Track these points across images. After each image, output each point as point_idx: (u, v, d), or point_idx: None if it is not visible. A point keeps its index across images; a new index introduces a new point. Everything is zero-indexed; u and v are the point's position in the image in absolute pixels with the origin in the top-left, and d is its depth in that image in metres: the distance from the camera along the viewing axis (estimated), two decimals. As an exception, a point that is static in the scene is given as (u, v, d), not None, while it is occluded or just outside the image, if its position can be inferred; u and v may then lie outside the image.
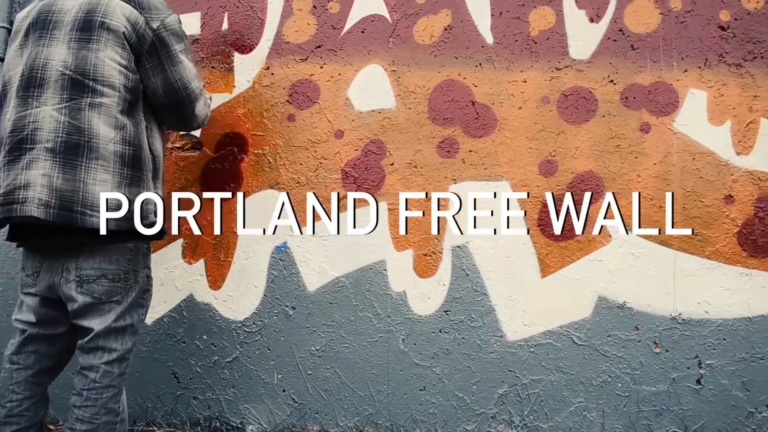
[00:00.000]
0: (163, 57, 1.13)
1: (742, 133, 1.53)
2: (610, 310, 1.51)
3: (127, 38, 1.08)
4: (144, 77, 1.13)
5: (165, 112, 1.22)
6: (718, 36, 1.55)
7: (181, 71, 1.17)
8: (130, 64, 1.09)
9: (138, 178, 1.09)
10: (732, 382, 1.50)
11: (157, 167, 1.17)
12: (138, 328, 1.17)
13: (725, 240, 1.51)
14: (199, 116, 1.29)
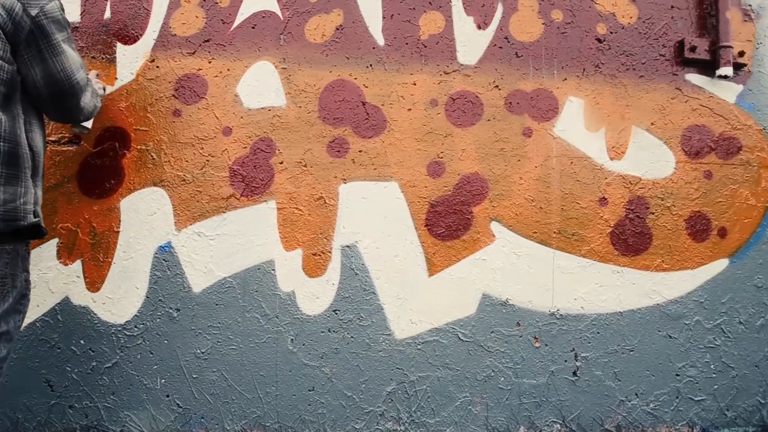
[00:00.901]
0: (43, 46, 1.22)
1: (615, 139, 1.99)
2: (494, 307, 1.92)
3: (2, 26, 1.15)
4: (22, 68, 1.21)
5: (47, 105, 1.30)
6: (595, 47, 2.01)
7: (63, 61, 1.27)
8: (5, 54, 1.17)
9: (15, 177, 1.18)
10: (605, 373, 1.96)
11: (36, 164, 1.25)
12: (13, 335, 1.24)
13: (599, 240, 1.96)
14: (86, 108, 1.48)
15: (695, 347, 1.99)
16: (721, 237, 2.02)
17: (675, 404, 1.98)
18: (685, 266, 1.99)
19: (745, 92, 2.09)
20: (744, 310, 2.03)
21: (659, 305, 1.97)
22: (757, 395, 2.04)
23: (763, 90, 2.11)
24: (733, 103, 2.07)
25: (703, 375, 2.00)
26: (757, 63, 2.12)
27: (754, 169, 2.06)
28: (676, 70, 2.04)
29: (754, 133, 2.08)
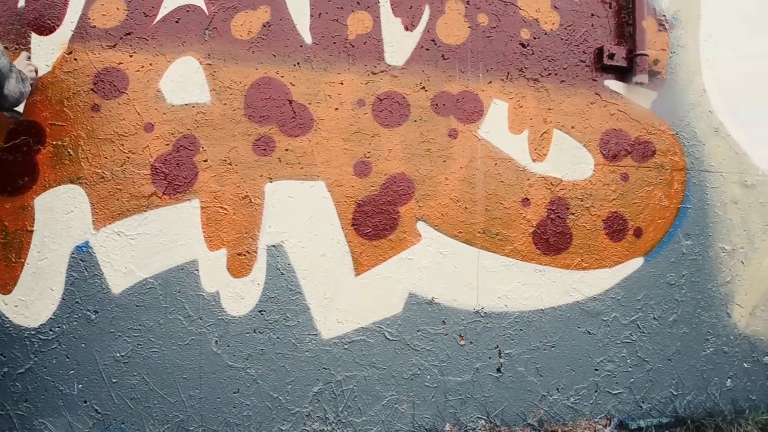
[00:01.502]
0: None
1: (537, 141, 2.35)
2: (420, 306, 2.23)
3: None
4: None
5: None
6: (519, 52, 2.37)
7: None
8: None
9: None
10: (528, 369, 2.31)
11: None
12: None
13: (522, 239, 2.32)
14: (11, 95, 1.64)
15: (613, 342, 2.38)
16: (637, 237, 2.42)
17: (594, 398, 2.36)
18: (604, 265, 2.37)
19: (659, 98, 2.50)
20: (658, 307, 2.44)
21: (579, 302, 2.34)
22: (670, 387, 2.45)
23: (675, 97, 2.53)
24: (648, 109, 2.48)
25: (620, 369, 2.39)
26: (671, 71, 2.54)
27: (667, 172, 2.48)
28: (595, 75, 2.43)
29: (667, 138, 2.50)
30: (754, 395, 2.57)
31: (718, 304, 2.52)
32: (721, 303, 2.53)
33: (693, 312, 2.47)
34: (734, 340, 2.55)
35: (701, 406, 2.47)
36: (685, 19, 2.59)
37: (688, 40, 2.58)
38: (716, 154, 2.58)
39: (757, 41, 2.67)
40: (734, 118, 2.61)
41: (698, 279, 2.49)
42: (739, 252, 2.56)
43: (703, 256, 2.50)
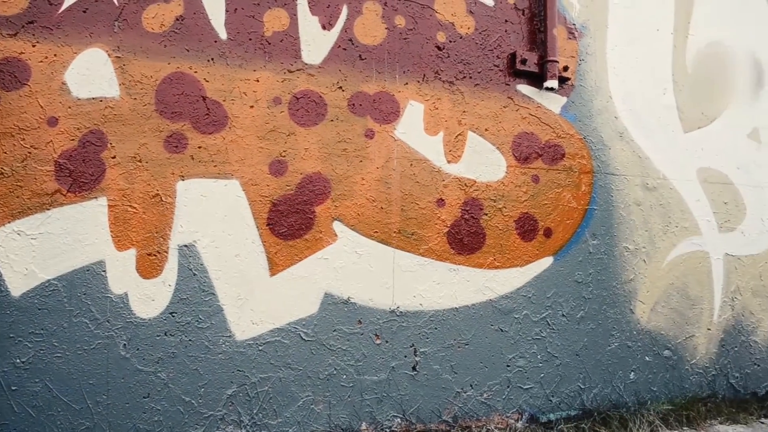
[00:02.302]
0: None
1: (452, 143, 2.86)
2: (336, 306, 2.66)
3: None
4: None
5: None
6: (435, 55, 2.87)
7: None
8: None
9: None
10: (442, 367, 2.80)
11: None
12: None
13: (437, 239, 2.81)
14: None
15: (524, 339, 2.93)
16: (547, 237, 2.99)
17: (506, 393, 2.89)
18: (515, 264, 2.92)
19: (569, 104, 3.09)
20: (566, 304, 3.02)
21: (492, 301, 2.87)
22: (578, 381, 3.04)
23: (584, 102, 3.14)
24: (558, 114, 3.06)
25: (531, 365, 2.94)
26: (580, 78, 3.14)
27: (576, 175, 3.07)
28: (508, 80, 2.97)
29: (575, 142, 3.09)
30: (655, 387, 3.22)
31: (622, 301, 3.14)
32: (624, 300, 3.15)
33: (599, 309, 3.08)
34: (637, 335, 3.18)
35: (607, 398, 3.08)
36: (593, 28, 3.20)
37: (596, 49, 3.20)
38: (621, 158, 3.21)
39: (655, 52, 3.34)
40: (637, 124, 3.25)
41: (604, 277, 3.10)
42: (642, 251, 3.20)
43: (609, 255, 3.12)
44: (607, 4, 3.14)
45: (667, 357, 3.13)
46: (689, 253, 3.21)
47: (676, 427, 2.96)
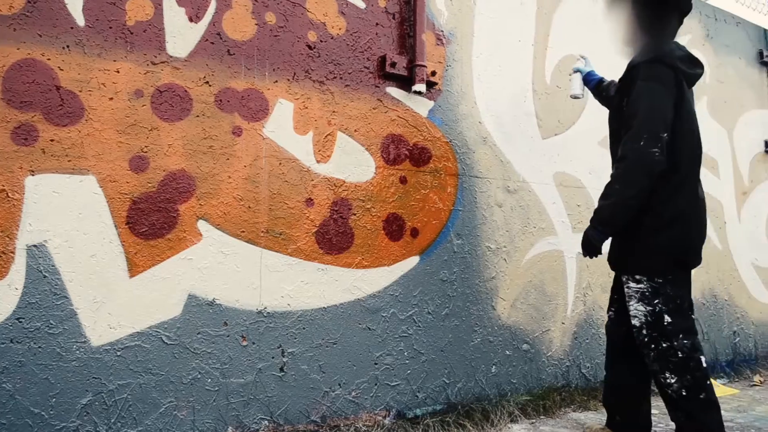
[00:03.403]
0: None
1: (321, 143, 2.97)
2: (200, 308, 2.68)
3: None
4: None
5: None
6: (306, 54, 2.97)
7: None
8: None
9: None
10: (310, 367, 2.90)
11: None
12: None
13: (305, 239, 2.91)
14: None
15: (391, 337, 3.10)
16: (413, 237, 3.18)
17: (374, 391, 3.05)
18: (383, 263, 3.08)
19: (436, 108, 3.31)
20: (432, 302, 3.23)
21: (360, 300, 3.01)
22: (443, 377, 3.26)
23: (450, 107, 3.37)
24: (426, 117, 3.27)
25: (398, 362, 3.12)
26: (447, 83, 3.37)
27: (442, 177, 3.30)
28: (378, 82, 3.13)
29: (442, 145, 3.32)
30: (515, 379, 3.52)
31: (484, 298, 3.41)
32: (487, 297, 3.42)
33: (463, 306, 3.32)
34: (498, 330, 3.46)
35: (470, 391, 3.32)
36: (460, 36, 3.44)
37: (462, 56, 3.44)
38: (484, 162, 3.48)
39: (517, 62, 3.66)
40: (500, 129, 3.54)
41: (468, 275, 3.34)
42: (503, 250, 3.49)
43: (472, 255, 3.37)
44: (474, 14, 3.39)
45: (526, 350, 3.43)
46: (546, 252, 3.54)
47: (534, 417, 3.26)
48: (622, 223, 2.43)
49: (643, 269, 2.45)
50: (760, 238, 5.15)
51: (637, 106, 2.30)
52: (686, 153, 2.39)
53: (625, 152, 2.31)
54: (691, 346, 2.38)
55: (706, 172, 4.67)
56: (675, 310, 2.34)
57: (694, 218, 2.45)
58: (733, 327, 4.79)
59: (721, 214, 4.79)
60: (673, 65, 2.36)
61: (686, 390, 2.29)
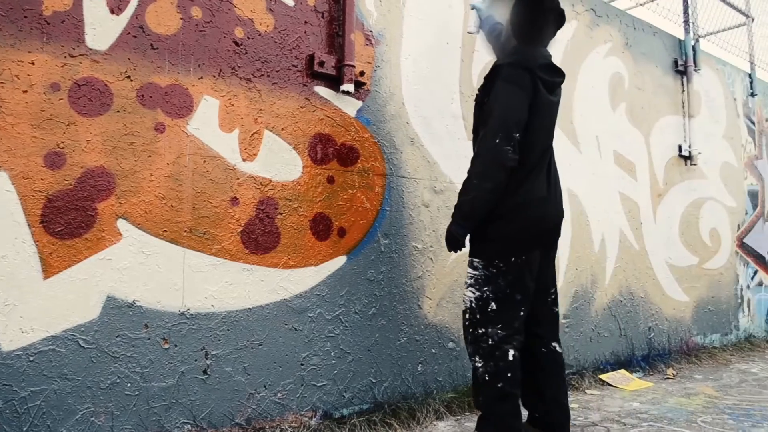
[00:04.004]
0: None
1: (248, 141, 2.96)
2: (120, 310, 2.62)
3: None
4: None
5: None
6: (233, 50, 2.95)
7: None
8: None
9: None
10: (235, 369, 2.89)
11: None
12: None
13: (230, 238, 2.89)
14: None
15: (317, 337, 3.12)
16: (341, 236, 3.22)
17: (300, 392, 3.06)
18: (310, 263, 3.10)
19: (364, 108, 3.35)
20: (359, 302, 3.28)
21: (286, 300, 3.01)
22: (369, 376, 3.31)
23: (378, 107, 3.42)
24: (354, 117, 3.31)
25: (325, 362, 3.15)
26: (375, 83, 3.42)
27: (369, 176, 3.34)
28: (306, 81, 3.15)
29: (370, 145, 3.36)
30: (440, 377, 3.61)
31: (411, 297, 3.48)
32: (413, 296, 3.50)
33: (390, 305, 3.38)
34: (424, 329, 3.54)
35: (397, 390, 3.39)
36: (389, 36, 3.50)
37: (391, 56, 3.50)
38: (412, 162, 3.56)
39: (445, 64, 3.75)
40: (427, 130, 3.62)
41: (394, 275, 3.41)
42: (429, 250, 3.57)
43: (399, 254, 3.44)
44: (403, 15, 3.46)
45: (451, 348, 3.53)
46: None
47: (459, 414, 3.36)
48: (482, 216, 2.60)
49: (481, 253, 2.65)
50: (674, 238, 5.46)
51: (494, 106, 2.47)
52: (537, 149, 2.57)
53: (481, 150, 2.48)
54: (503, 337, 2.58)
55: (625, 175, 4.92)
56: (503, 299, 2.49)
57: (536, 209, 2.65)
58: (649, 323, 5.07)
59: (638, 215, 5.06)
60: (531, 69, 2.54)
61: (489, 376, 2.47)
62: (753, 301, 6.51)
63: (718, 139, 6.20)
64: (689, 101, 5.64)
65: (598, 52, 4.83)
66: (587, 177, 4.61)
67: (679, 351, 5.34)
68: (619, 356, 4.75)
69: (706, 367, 5.14)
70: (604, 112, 4.83)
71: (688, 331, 5.50)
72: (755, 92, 6.82)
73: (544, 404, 2.75)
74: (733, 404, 3.75)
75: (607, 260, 4.72)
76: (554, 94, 2.75)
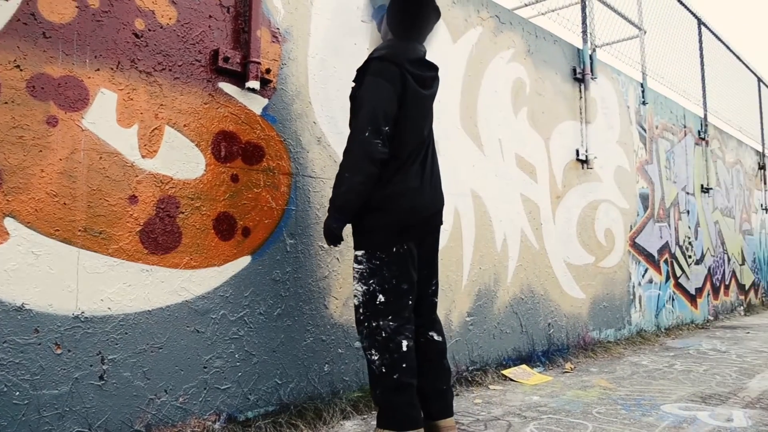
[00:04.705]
0: None
1: (148, 137, 2.88)
2: (7, 314, 2.49)
3: None
4: None
5: None
6: (132, 42, 2.86)
7: None
8: None
9: None
10: (134, 374, 2.80)
11: None
12: None
13: (128, 238, 2.80)
14: None
15: (221, 339, 3.08)
16: (245, 236, 3.19)
17: (203, 395, 3.01)
18: (213, 263, 3.06)
19: (270, 106, 3.34)
20: (264, 302, 3.26)
21: (188, 302, 2.95)
22: (275, 377, 3.30)
23: (284, 106, 3.42)
24: (260, 115, 3.28)
25: (229, 364, 3.11)
26: (281, 81, 3.42)
27: (275, 176, 3.33)
28: (210, 77, 3.10)
29: (275, 144, 3.35)
30: (347, 377, 3.64)
31: (317, 297, 3.49)
32: (320, 296, 3.51)
33: (296, 306, 3.38)
34: (331, 329, 3.57)
35: (303, 391, 3.39)
36: (296, 34, 3.50)
37: (298, 55, 3.50)
38: (318, 162, 3.57)
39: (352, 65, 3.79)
40: (334, 129, 3.65)
41: (300, 275, 3.41)
42: (335, 250, 3.60)
43: (305, 254, 3.44)
44: (311, 13, 3.47)
45: (358, 348, 3.57)
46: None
47: (366, 412, 3.41)
48: (356, 208, 2.70)
49: (362, 245, 2.76)
50: (572, 238, 5.76)
51: (363, 100, 2.57)
52: (408, 142, 2.67)
53: (352, 143, 2.58)
54: (395, 328, 2.69)
55: (526, 177, 5.14)
56: (389, 290, 2.59)
57: (408, 198, 2.76)
58: (548, 320, 5.32)
59: (538, 216, 5.30)
60: (399, 64, 2.66)
61: (385, 368, 2.56)
62: (644, 298, 6.95)
63: (612, 145, 6.58)
64: (586, 108, 5.96)
65: (501, 57, 5.02)
66: (490, 179, 4.78)
67: (576, 346, 5.63)
68: (520, 352, 4.96)
69: (601, 360, 5.45)
70: (506, 116, 5.03)
71: (584, 327, 5.81)
72: (646, 101, 7.29)
73: (422, 392, 2.84)
74: (626, 395, 4.00)
75: (510, 259, 4.91)
76: (427, 88, 2.84)
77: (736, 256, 10.28)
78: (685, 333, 7.43)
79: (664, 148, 7.78)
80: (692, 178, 8.57)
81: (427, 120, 2.85)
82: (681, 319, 7.87)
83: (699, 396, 3.94)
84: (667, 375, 4.71)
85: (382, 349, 2.60)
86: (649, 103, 7.37)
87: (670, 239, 7.70)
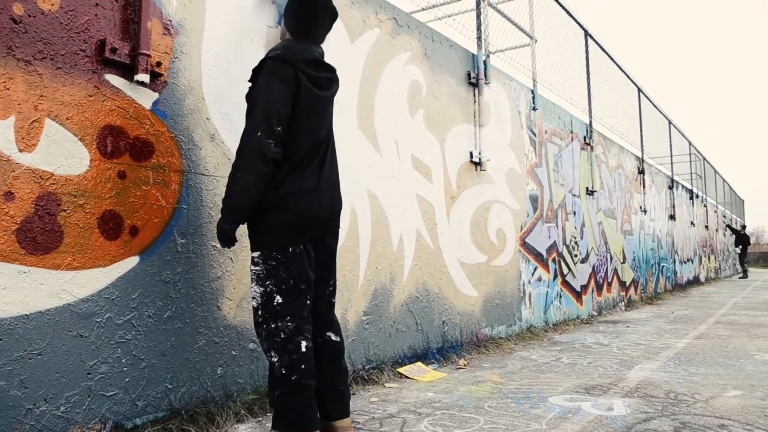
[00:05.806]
0: None
1: (26, 130, 2.72)
2: None
3: None
4: None
5: None
6: (10, 28, 2.68)
7: None
8: None
9: None
10: (9, 382, 2.64)
11: None
12: None
13: (3, 238, 2.63)
14: None
15: (107, 344, 2.96)
16: (133, 235, 3.08)
17: (87, 403, 2.87)
18: (98, 264, 2.93)
19: (161, 100, 3.24)
20: (153, 304, 3.16)
21: (70, 305, 2.81)
22: (165, 382, 3.20)
23: (176, 101, 3.33)
24: (149, 110, 3.18)
25: (115, 370, 2.99)
26: (173, 75, 3.32)
27: (165, 173, 3.24)
28: (96, 68, 2.96)
29: (166, 140, 3.26)
30: (241, 379, 3.59)
31: (210, 299, 3.43)
32: (212, 297, 3.44)
33: (187, 307, 3.30)
34: (224, 331, 3.51)
35: (195, 395, 3.31)
36: (189, 28, 3.41)
37: (191, 48, 3.42)
38: (212, 159, 3.50)
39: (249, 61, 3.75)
40: (228, 126, 3.59)
41: (192, 276, 3.33)
42: (228, 250, 3.55)
43: (197, 254, 3.37)
44: (205, 6, 3.40)
45: (252, 349, 3.54)
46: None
47: (261, 414, 3.38)
48: (249, 208, 2.72)
49: (258, 246, 2.79)
50: (465, 237, 5.95)
51: (257, 100, 2.62)
52: (303, 142, 2.71)
53: (244, 143, 2.60)
54: (294, 329, 2.75)
55: (421, 178, 5.27)
56: (287, 291, 2.64)
57: (304, 199, 2.81)
58: (443, 318, 5.47)
59: (433, 216, 5.44)
60: (294, 64, 2.73)
61: (285, 369, 2.61)
62: (533, 295, 7.29)
63: (504, 148, 6.86)
64: (480, 111, 6.19)
65: (398, 59, 5.12)
66: (387, 179, 4.87)
67: (470, 342, 5.83)
68: (416, 350, 5.08)
69: (493, 356, 5.67)
70: (403, 117, 5.13)
71: (477, 324, 6.02)
72: (536, 106, 7.65)
73: (319, 393, 2.87)
74: (515, 389, 4.19)
75: (405, 259, 5.02)
76: (323, 89, 2.88)
77: (618, 254, 10.98)
78: (571, 328, 7.85)
79: (553, 152, 8.19)
80: (578, 180, 9.08)
81: (324, 121, 2.87)
82: (568, 314, 8.31)
83: (583, 387, 4.19)
84: (554, 368, 4.97)
85: (281, 351, 2.60)
86: (539, 109, 7.74)
87: (558, 239, 8.12)
